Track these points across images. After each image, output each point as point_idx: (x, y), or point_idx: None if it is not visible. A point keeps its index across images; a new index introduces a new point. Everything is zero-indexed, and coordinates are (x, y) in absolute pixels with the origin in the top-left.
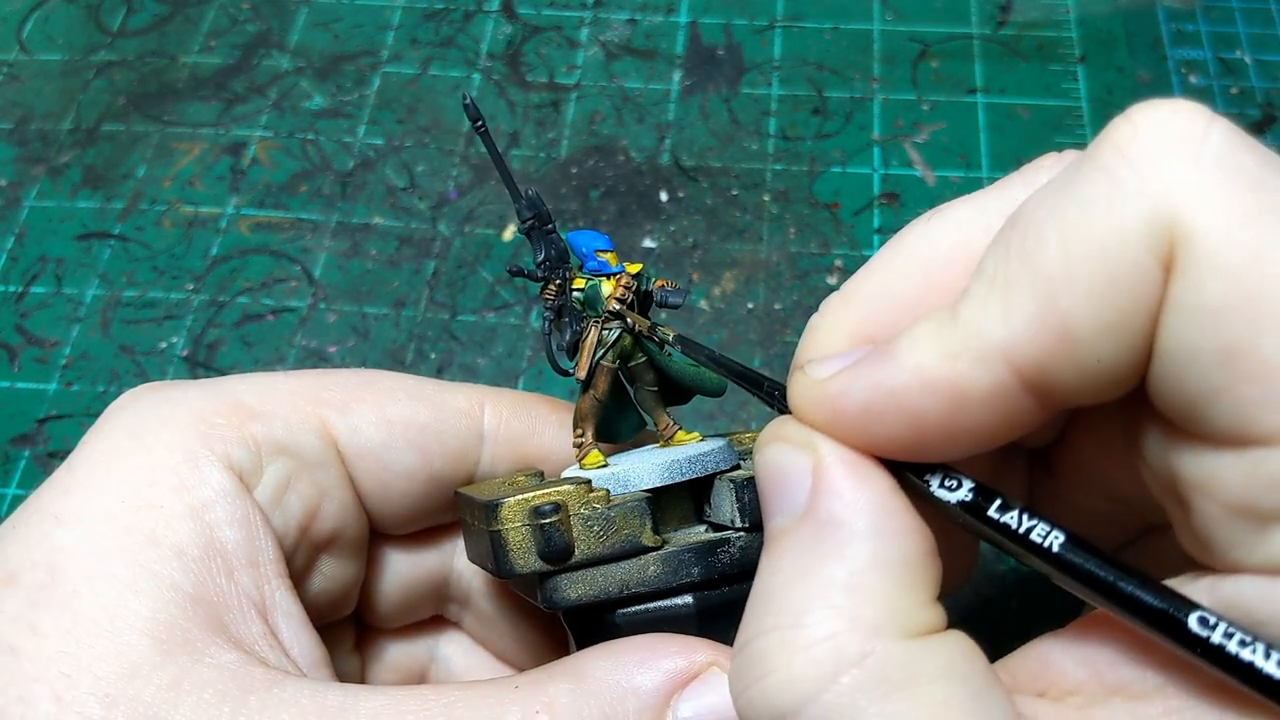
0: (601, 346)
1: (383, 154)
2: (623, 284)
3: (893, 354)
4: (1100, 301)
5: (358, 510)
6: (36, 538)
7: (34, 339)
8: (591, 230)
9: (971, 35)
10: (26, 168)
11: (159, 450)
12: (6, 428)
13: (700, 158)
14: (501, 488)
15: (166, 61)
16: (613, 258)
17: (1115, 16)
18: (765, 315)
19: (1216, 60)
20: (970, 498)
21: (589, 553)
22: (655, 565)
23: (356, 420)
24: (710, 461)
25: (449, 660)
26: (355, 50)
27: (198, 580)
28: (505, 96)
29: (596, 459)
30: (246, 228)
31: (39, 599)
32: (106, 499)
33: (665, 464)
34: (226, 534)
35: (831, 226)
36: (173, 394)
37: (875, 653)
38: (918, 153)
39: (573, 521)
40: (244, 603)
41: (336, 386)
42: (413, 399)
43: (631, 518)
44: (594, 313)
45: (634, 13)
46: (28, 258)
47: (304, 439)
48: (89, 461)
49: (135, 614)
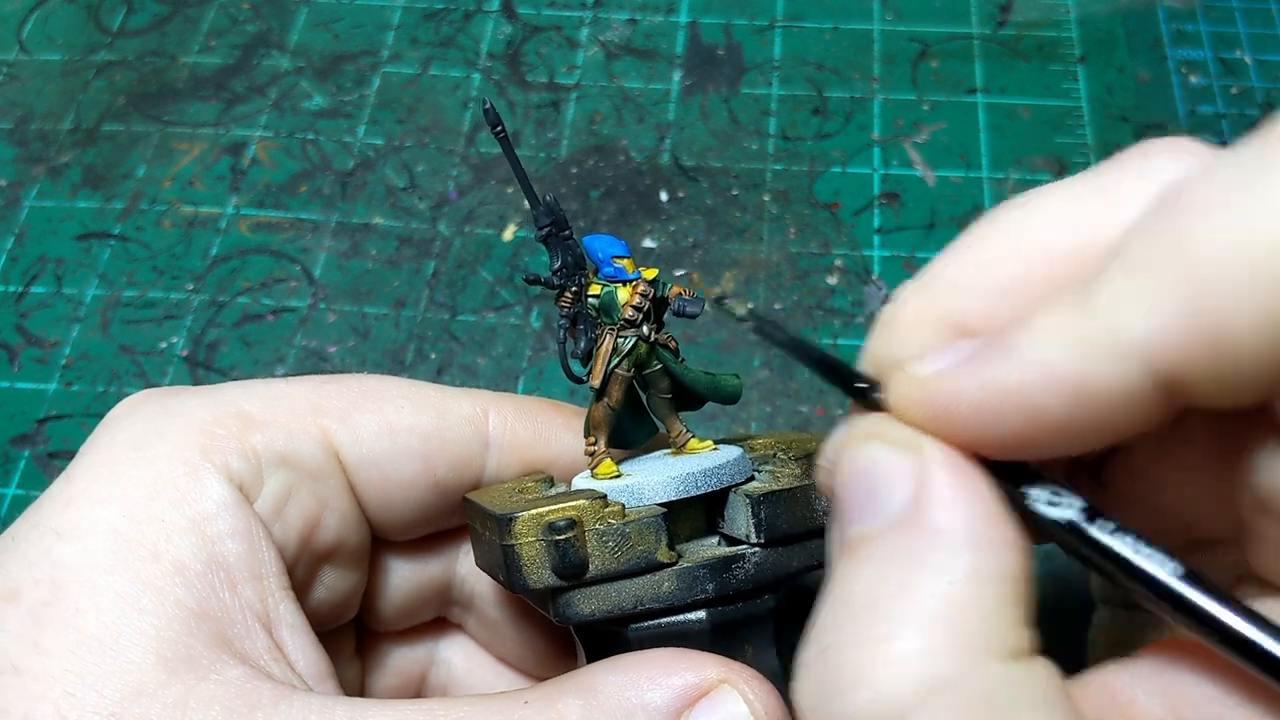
0: (616, 355)
1: (383, 154)
2: (639, 290)
3: (1011, 348)
4: (1263, 307)
5: (359, 520)
6: (37, 553)
7: (34, 339)
8: (608, 235)
9: (971, 35)
10: (26, 168)
11: (159, 462)
12: (6, 428)
13: (700, 158)
14: (511, 496)
15: (166, 61)
16: (629, 264)
17: (1115, 16)
18: (765, 315)
19: (1216, 60)
20: (1079, 518)
21: (603, 568)
22: (670, 581)
23: (358, 429)
24: (725, 474)
25: (450, 663)
26: (355, 50)
27: (201, 595)
28: (505, 96)
29: (609, 469)
30: (246, 228)
31: (42, 616)
32: (107, 512)
33: (680, 477)
34: (229, 547)
35: (831, 226)
36: (172, 403)
37: (974, 673)
38: (918, 153)
39: (588, 537)
40: (248, 616)
41: (338, 394)
42: (416, 406)
43: (647, 534)
44: (609, 320)
45: (634, 13)
46: (28, 258)
47: (305, 449)
48: (89, 473)
49: (139, 631)
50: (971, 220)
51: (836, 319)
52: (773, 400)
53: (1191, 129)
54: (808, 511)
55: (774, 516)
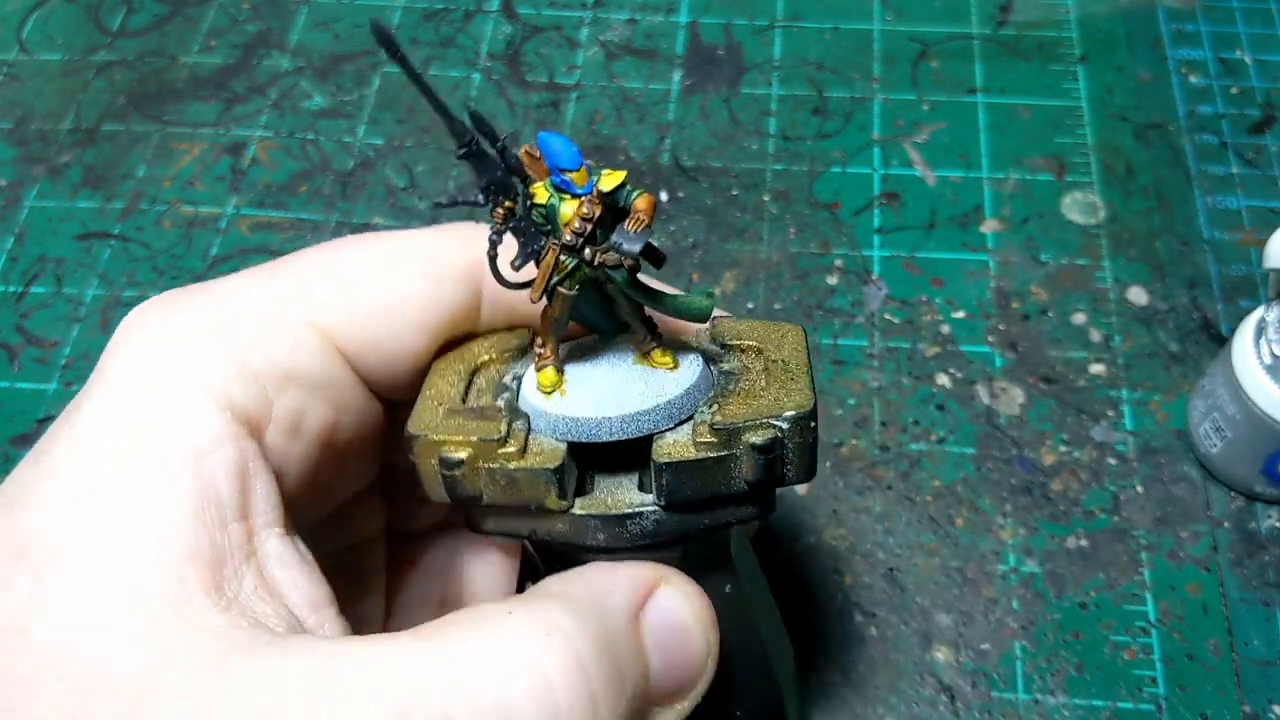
0: (559, 272)
1: (383, 154)
2: (581, 212)
3: None
4: None
5: (372, 404)
6: (32, 502)
7: (34, 339)
8: (564, 139)
9: (971, 35)
10: (26, 168)
11: (157, 392)
12: (6, 428)
13: (700, 158)
14: (452, 382)
15: (166, 61)
16: (579, 176)
17: (1115, 16)
18: (765, 315)
19: (1216, 60)
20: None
21: (495, 500)
22: (562, 523)
23: (355, 319)
24: (647, 421)
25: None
26: (355, 50)
27: (190, 539)
28: (505, 96)
29: (551, 379)
30: (246, 228)
31: (43, 575)
32: (94, 456)
33: (595, 421)
34: (221, 484)
35: (831, 226)
36: (173, 322)
37: None
38: (918, 153)
39: (479, 472)
40: (237, 556)
41: (325, 280)
42: (407, 272)
43: (535, 482)
44: (555, 233)
45: (634, 13)
46: (28, 258)
47: (307, 359)
48: (93, 408)
49: (123, 586)
50: (971, 220)
51: (836, 319)
52: None
53: (1191, 129)
54: (724, 479)
55: (679, 485)
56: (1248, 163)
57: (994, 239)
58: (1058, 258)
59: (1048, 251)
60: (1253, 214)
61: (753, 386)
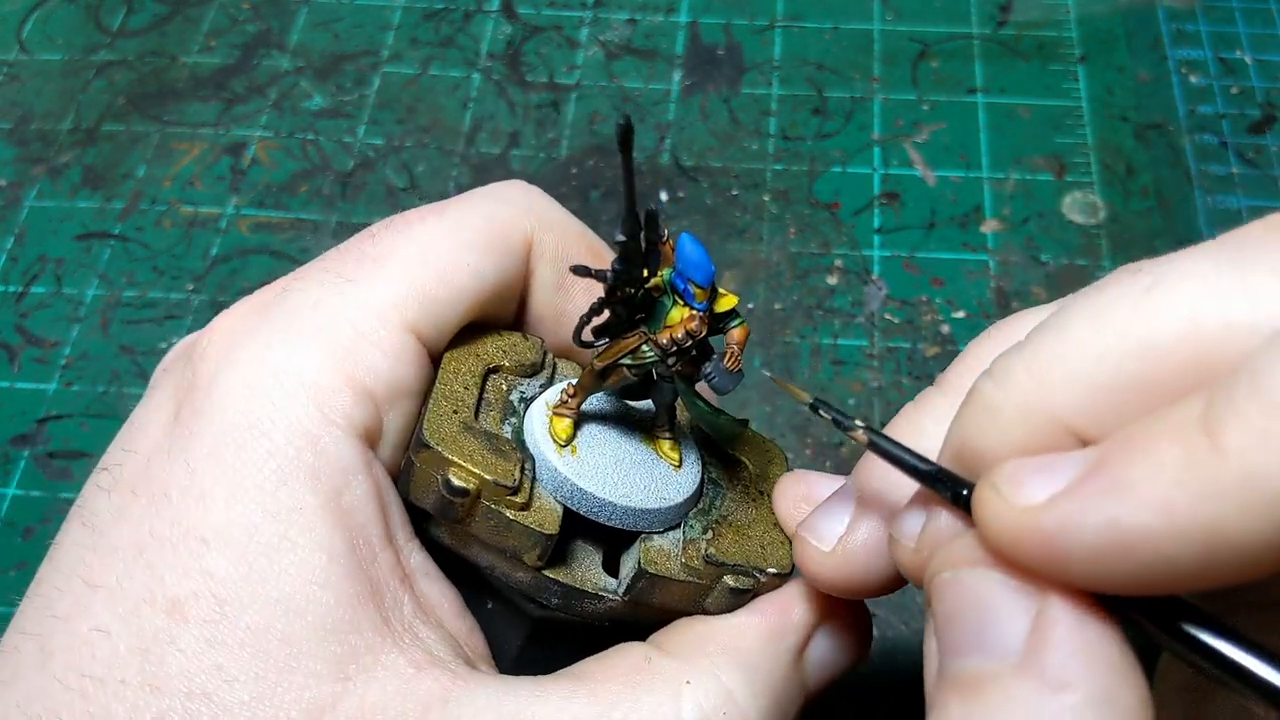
0: (631, 357)
1: (383, 154)
2: (690, 327)
3: (1125, 485)
4: None
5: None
6: (188, 563)
7: (34, 339)
8: (703, 251)
9: (971, 35)
10: (26, 168)
11: (278, 436)
12: (6, 428)
13: (700, 158)
14: (466, 385)
15: (166, 61)
16: (701, 293)
17: (1115, 16)
18: (765, 315)
19: (1216, 60)
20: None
21: (478, 533)
22: (525, 574)
23: (435, 309)
24: (644, 520)
25: None
26: (355, 50)
27: (349, 578)
28: (505, 96)
29: (567, 433)
30: (246, 228)
31: (215, 636)
32: (244, 510)
33: (597, 504)
34: (365, 514)
35: (831, 226)
36: (269, 357)
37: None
38: (918, 152)
39: (478, 504)
40: (393, 583)
41: (414, 277)
42: (476, 250)
43: (525, 539)
44: (651, 326)
45: (634, 13)
46: (28, 258)
47: (408, 370)
48: (213, 462)
49: (309, 639)
50: (971, 220)
51: (836, 319)
52: (772, 400)
53: (1191, 129)
54: (690, 600)
55: (650, 591)
56: (1248, 163)
57: (994, 239)
58: (1058, 258)
59: (1048, 251)
60: (1253, 214)
61: (739, 513)
